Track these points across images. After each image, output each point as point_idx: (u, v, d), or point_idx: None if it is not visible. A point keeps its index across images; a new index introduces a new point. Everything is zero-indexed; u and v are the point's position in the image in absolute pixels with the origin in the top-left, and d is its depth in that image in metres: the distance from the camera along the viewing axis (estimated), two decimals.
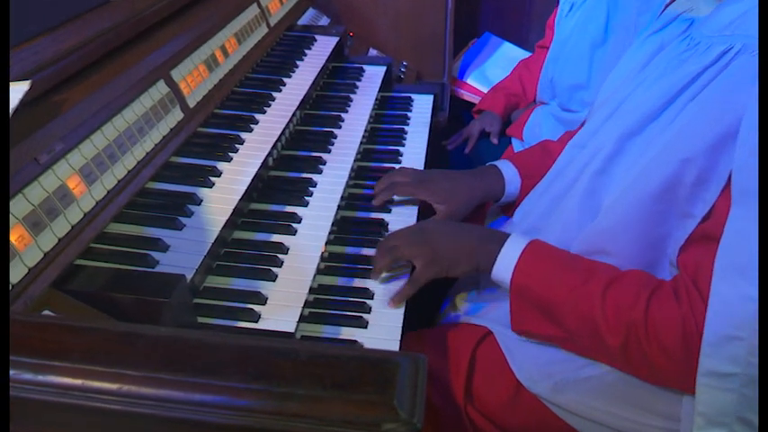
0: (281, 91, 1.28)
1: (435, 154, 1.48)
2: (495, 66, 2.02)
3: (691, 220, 0.76)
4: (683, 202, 0.76)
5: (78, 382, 0.31)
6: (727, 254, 0.69)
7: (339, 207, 1.08)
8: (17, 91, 0.69)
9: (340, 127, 1.30)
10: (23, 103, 0.68)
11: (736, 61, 0.72)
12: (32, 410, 0.32)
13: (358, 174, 1.24)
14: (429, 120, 1.46)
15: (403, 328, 0.89)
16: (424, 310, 1.13)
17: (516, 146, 1.70)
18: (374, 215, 1.12)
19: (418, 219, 1.11)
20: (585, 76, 1.52)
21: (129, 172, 0.88)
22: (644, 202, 0.79)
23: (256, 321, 0.80)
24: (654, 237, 0.81)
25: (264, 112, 1.19)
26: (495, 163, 1.17)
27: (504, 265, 0.88)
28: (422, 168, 1.26)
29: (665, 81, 0.80)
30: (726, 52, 0.74)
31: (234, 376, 0.31)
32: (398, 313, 0.91)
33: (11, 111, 0.65)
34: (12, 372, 0.31)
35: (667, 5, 0.95)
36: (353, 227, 1.09)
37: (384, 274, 0.96)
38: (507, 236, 0.91)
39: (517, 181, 1.14)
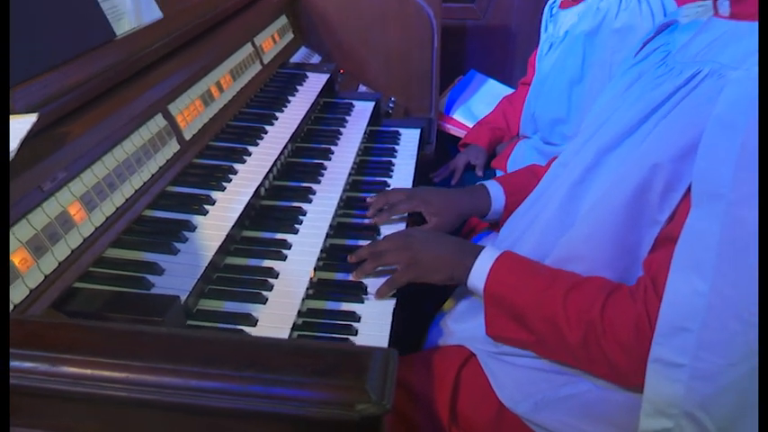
0: (273, 125, 1.33)
1: (422, 186, 1.54)
2: (480, 101, 2.10)
3: (658, 227, 0.82)
4: (653, 209, 0.82)
5: (89, 372, 0.35)
6: (683, 251, 0.75)
7: (328, 235, 1.12)
8: (25, 123, 0.73)
9: (330, 159, 1.35)
10: (30, 134, 0.73)
11: (703, 83, 0.79)
12: (48, 400, 0.36)
13: (347, 203, 1.29)
14: (416, 153, 1.52)
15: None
16: (411, 336, 1.17)
17: None
18: (362, 242, 1.16)
19: None
20: (565, 110, 1.59)
21: (127, 200, 0.92)
22: (618, 210, 0.85)
23: None
24: (627, 244, 0.86)
25: (257, 145, 1.24)
26: (484, 182, 1.26)
27: (478, 275, 0.95)
28: None
29: (642, 101, 0.87)
30: (695, 75, 0.80)
31: (227, 365, 0.35)
32: (384, 336, 0.94)
33: (19, 141, 0.69)
34: (30, 364, 0.35)
35: (645, 43, 1.03)
36: (342, 254, 1.13)
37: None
38: (482, 248, 0.98)
39: (502, 198, 1.23)
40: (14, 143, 0.68)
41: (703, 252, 0.73)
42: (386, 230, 1.19)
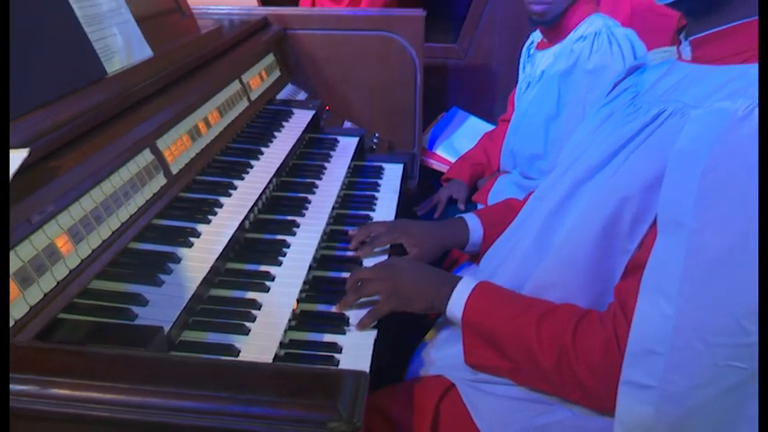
0: (259, 159, 1.37)
1: (404, 218, 1.57)
2: (462, 137, 2.17)
3: (628, 255, 0.86)
4: (623, 238, 0.86)
5: (77, 393, 0.37)
6: (651, 276, 0.79)
7: (311, 267, 1.14)
8: (16, 157, 0.76)
9: (314, 193, 1.38)
10: (22, 167, 0.75)
11: (667, 121, 0.85)
12: (38, 421, 0.38)
13: (330, 236, 1.31)
14: (398, 187, 1.56)
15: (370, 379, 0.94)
16: (394, 367, 1.18)
17: None
18: (344, 275, 1.19)
19: None
20: (542, 146, 1.65)
21: (113, 232, 0.94)
22: (590, 239, 0.89)
23: None
24: (600, 271, 0.90)
25: (243, 179, 1.27)
26: (463, 215, 1.31)
27: (456, 304, 0.98)
28: None
29: (613, 137, 0.93)
30: (660, 113, 0.86)
31: (206, 386, 0.37)
32: (364, 367, 0.95)
33: (11, 175, 0.72)
34: (21, 387, 0.37)
35: (617, 84, 1.09)
36: (325, 285, 1.15)
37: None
38: (460, 278, 1.01)
39: (480, 231, 1.27)
40: None
41: (669, 277, 0.77)
42: (368, 262, 1.22)
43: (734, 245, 0.73)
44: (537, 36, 1.80)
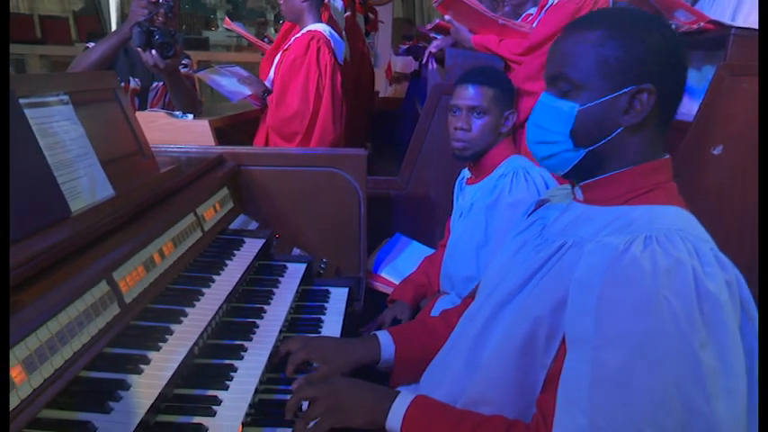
0: (210, 287, 1.45)
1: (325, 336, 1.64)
2: (404, 261, 2.31)
3: (545, 370, 0.97)
4: (540, 354, 0.98)
5: None
6: (564, 389, 0.90)
7: (257, 390, 1.19)
8: None
9: (262, 318, 1.46)
10: None
11: (568, 252, 1.00)
12: None
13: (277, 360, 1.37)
14: (343, 309, 1.65)
15: None
16: None
17: None
18: (289, 397, 1.24)
19: None
20: (475, 269, 1.81)
21: (66, 361, 0.99)
22: (512, 356, 1.00)
23: None
24: (523, 386, 1.00)
25: (194, 306, 1.34)
26: (376, 332, 1.39)
27: (395, 418, 1.05)
28: None
29: (526, 264, 1.08)
30: (563, 246, 1.02)
31: None
32: None
33: None
34: None
35: (529, 215, 1.27)
36: (270, 408, 1.20)
37: None
38: (398, 393, 1.09)
39: (391, 347, 1.35)
40: None
41: (579, 389, 0.88)
42: None
43: (630, 357, 0.85)
44: (467, 173, 2.03)
